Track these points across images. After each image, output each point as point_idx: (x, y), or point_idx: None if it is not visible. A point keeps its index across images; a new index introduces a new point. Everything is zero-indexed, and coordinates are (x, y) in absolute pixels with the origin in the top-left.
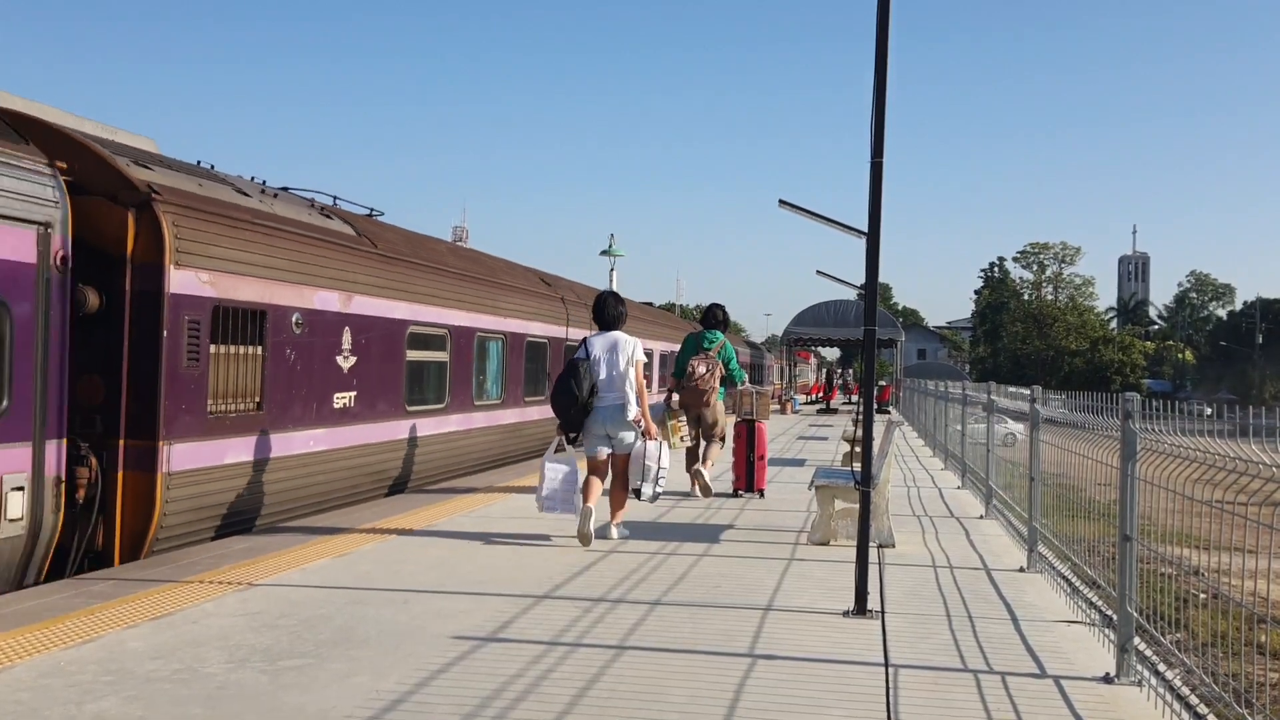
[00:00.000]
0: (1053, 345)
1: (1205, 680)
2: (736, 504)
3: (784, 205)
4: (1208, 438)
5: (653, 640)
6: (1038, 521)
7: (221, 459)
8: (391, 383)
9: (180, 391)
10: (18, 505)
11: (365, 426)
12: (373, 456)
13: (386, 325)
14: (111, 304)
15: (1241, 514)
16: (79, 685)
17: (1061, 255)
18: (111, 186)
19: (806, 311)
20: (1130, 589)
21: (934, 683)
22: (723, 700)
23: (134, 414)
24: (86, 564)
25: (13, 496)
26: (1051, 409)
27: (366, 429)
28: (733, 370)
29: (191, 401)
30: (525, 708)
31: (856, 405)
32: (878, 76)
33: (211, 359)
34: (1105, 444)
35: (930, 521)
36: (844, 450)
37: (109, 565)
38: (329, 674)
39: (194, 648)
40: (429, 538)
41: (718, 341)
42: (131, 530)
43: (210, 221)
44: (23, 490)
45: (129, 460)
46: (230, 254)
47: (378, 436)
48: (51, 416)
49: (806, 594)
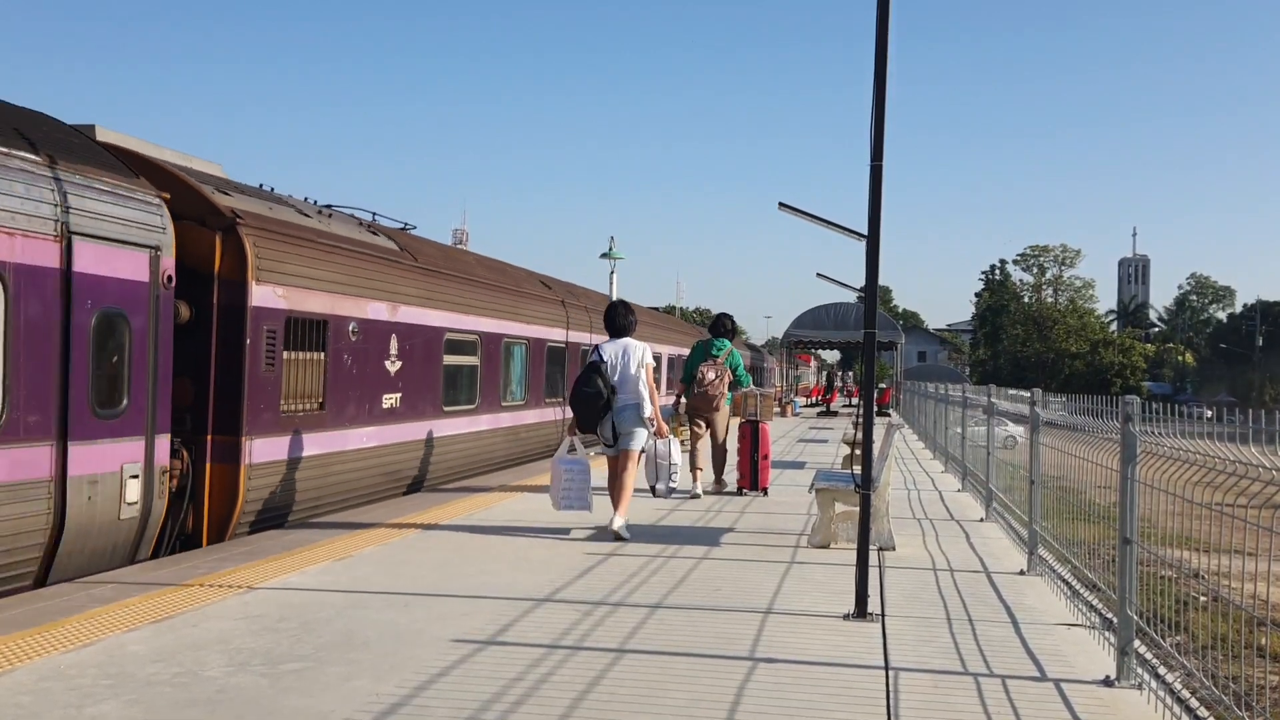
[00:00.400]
0: (1053, 348)
1: (1205, 683)
2: (737, 507)
3: (784, 208)
4: (1208, 440)
5: (653, 643)
6: (1038, 524)
7: (291, 453)
8: (431, 385)
9: (259, 393)
10: (134, 491)
11: (409, 425)
12: (416, 453)
13: (427, 332)
14: (200, 316)
15: (1241, 517)
16: (79, 689)
17: (1062, 258)
18: (201, 212)
19: (806, 314)
20: (1130, 592)
21: (934, 686)
22: (723, 703)
23: (220, 413)
24: (178, 546)
25: (130, 483)
26: (1051, 412)
27: (410, 427)
28: (740, 376)
29: (268, 402)
30: (525, 711)
31: (856, 408)
32: (877, 79)
33: (284, 364)
34: (1105, 447)
35: (930, 524)
36: (844, 453)
37: (198, 547)
38: (329, 677)
39: (194, 651)
40: (445, 532)
41: (725, 349)
42: (217, 516)
43: (283, 242)
44: (138, 478)
45: (215, 454)
46: (299, 270)
47: (420, 434)
48: (159, 415)
49: (807, 597)
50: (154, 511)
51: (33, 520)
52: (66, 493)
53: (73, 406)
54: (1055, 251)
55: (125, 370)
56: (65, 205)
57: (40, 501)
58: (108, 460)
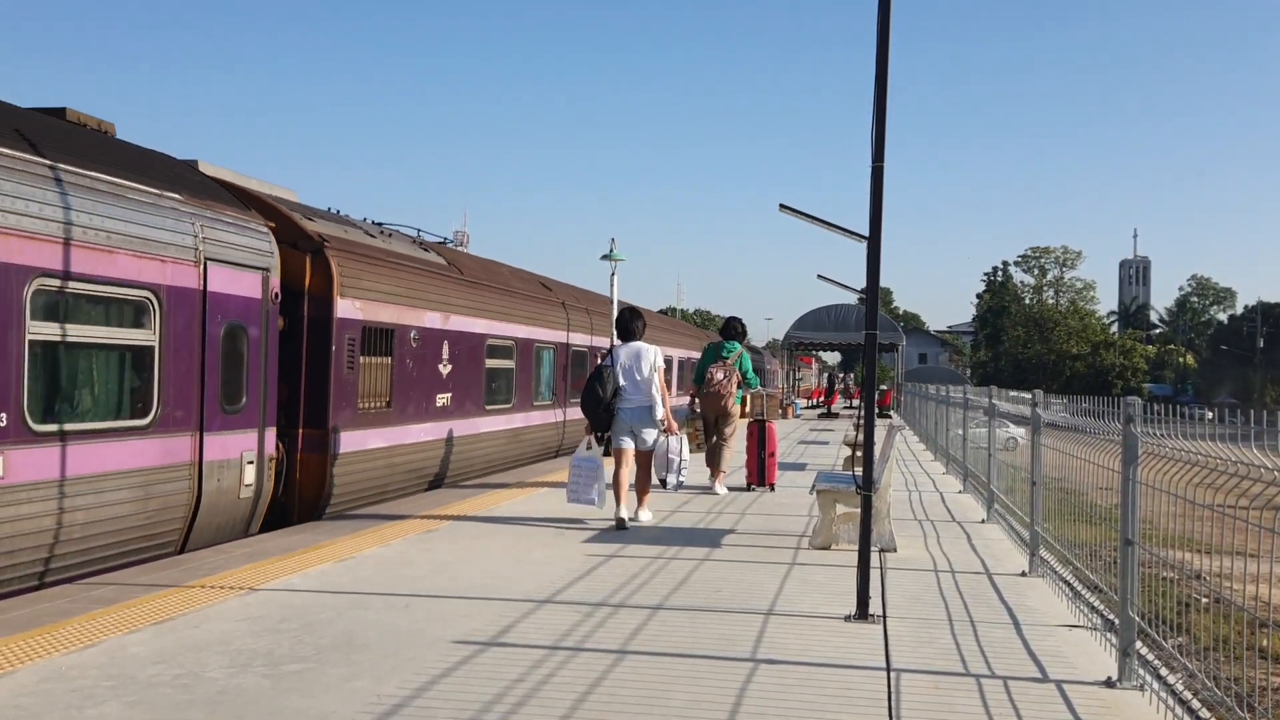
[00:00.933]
0: (1054, 349)
1: (1207, 684)
2: (738, 508)
3: (784, 210)
4: (1209, 441)
5: (654, 645)
6: (1039, 526)
7: (366, 445)
8: (476, 386)
9: (342, 392)
10: (250, 475)
11: (459, 421)
12: (463, 446)
13: (472, 339)
14: (293, 326)
15: (1243, 518)
16: (80, 690)
17: (1063, 259)
18: (294, 237)
19: (807, 316)
20: (1132, 593)
21: (936, 687)
22: (724, 705)
23: (310, 409)
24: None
25: (248, 468)
26: (1053, 413)
27: (459, 424)
28: (749, 377)
29: (349, 400)
30: (527, 712)
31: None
32: (878, 81)
33: (360, 367)
34: (1107, 448)
35: (932, 526)
36: (845, 454)
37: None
38: (330, 678)
39: (195, 652)
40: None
41: (735, 351)
42: (307, 498)
43: (360, 261)
44: (253, 464)
45: (306, 445)
46: (372, 286)
47: (467, 430)
48: (269, 411)
49: (808, 598)
50: (263, 493)
51: (178, 497)
52: (202, 475)
53: (207, 403)
54: (1056, 253)
55: (244, 373)
56: (201, 236)
57: (184, 482)
58: (232, 449)
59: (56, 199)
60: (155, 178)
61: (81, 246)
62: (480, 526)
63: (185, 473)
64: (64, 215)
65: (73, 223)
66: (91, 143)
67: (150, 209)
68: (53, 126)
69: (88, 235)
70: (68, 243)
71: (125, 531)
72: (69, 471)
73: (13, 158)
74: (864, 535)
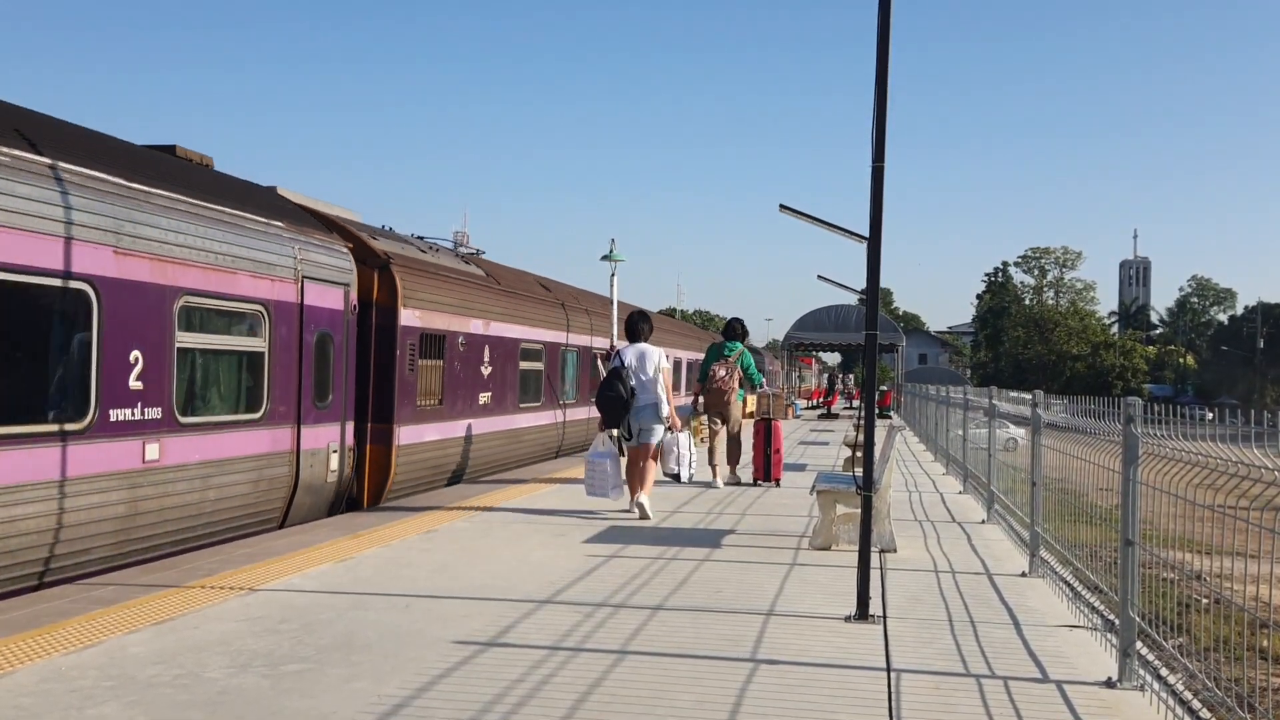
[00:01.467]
0: (1054, 350)
1: (1208, 685)
2: (738, 509)
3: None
4: (1209, 442)
5: (655, 645)
6: (1039, 526)
7: (423, 438)
8: (511, 386)
9: (405, 391)
10: (334, 462)
11: (497, 418)
12: (500, 440)
13: (508, 343)
14: (363, 332)
15: (1243, 519)
16: (80, 690)
17: (1063, 260)
18: (363, 254)
19: (807, 316)
20: (1132, 594)
21: (936, 687)
22: (725, 705)
23: (378, 406)
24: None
25: (333, 456)
26: (1053, 413)
27: (497, 420)
28: (751, 374)
29: (410, 397)
30: (527, 713)
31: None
32: (878, 81)
33: (419, 369)
34: (1107, 448)
35: (932, 526)
36: (845, 455)
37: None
38: (330, 679)
39: (195, 653)
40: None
41: (737, 350)
42: (374, 485)
43: (418, 275)
44: (336, 453)
45: (374, 437)
46: (429, 296)
47: (503, 426)
48: (348, 408)
49: (808, 599)
50: (343, 478)
51: (282, 479)
52: (300, 461)
53: (304, 400)
54: (1056, 253)
55: (330, 375)
56: (299, 257)
57: (286, 466)
58: (321, 440)
59: (198, 230)
60: (262, 207)
61: (215, 269)
62: (487, 522)
63: (287, 459)
64: (202, 244)
65: (208, 250)
66: (211, 179)
67: (261, 236)
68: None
69: (219, 260)
70: (205, 266)
71: (244, 507)
72: (205, 456)
73: (168, 198)
74: (864, 536)
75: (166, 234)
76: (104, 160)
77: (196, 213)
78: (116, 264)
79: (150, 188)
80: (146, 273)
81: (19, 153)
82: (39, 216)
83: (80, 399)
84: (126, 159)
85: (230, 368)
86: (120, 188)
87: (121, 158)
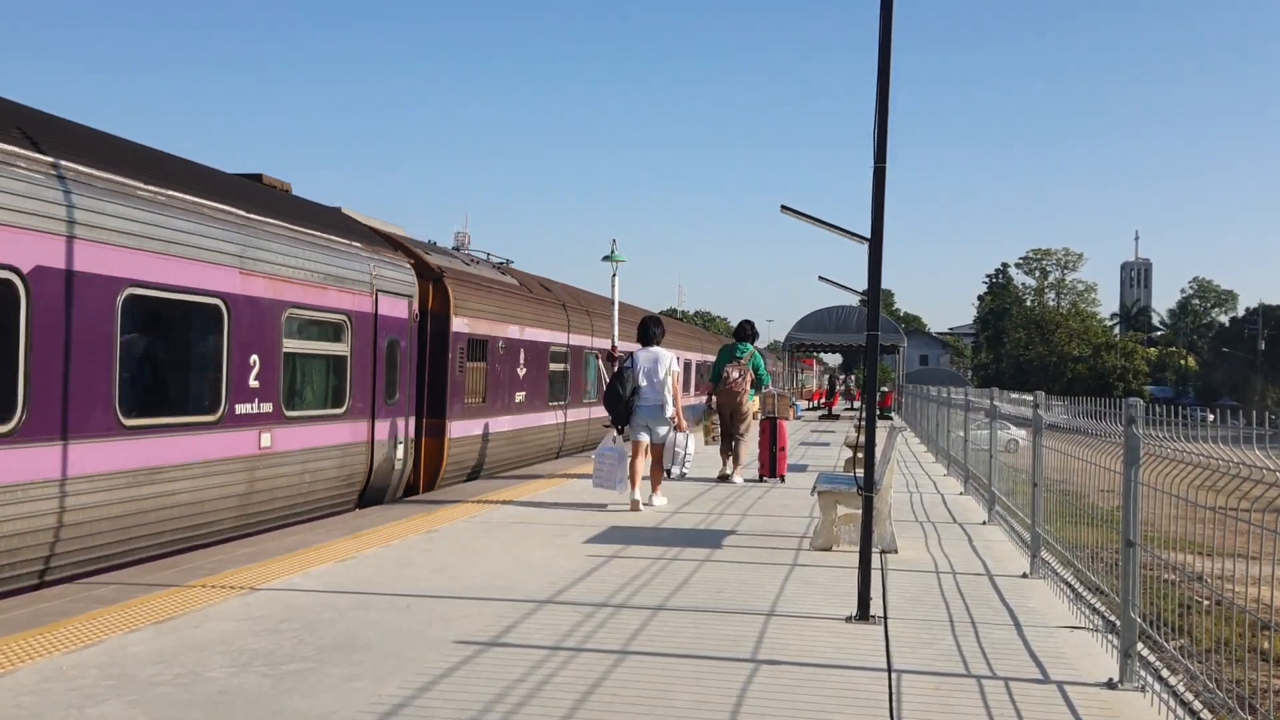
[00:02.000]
0: (1055, 351)
1: (1208, 686)
2: (739, 509)
3: (785, 211)
4: (1210, 443)
5: (656, 645)
6: (1040, 527)
7: (470, 432)
8: (542, 386)
9: (455, 390)
10: (400, 452)
11: (530, 415)
12: (532, 436)
13: (539, 347)
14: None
15: (1244, 520)
16: (81, 690)
17: (1064, 261)
18: (420, 268)
19: (809, 317)
20: (1133, 595)
21: (937, 688)
22: (726, 705)
23: (432, 403)
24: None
25: (398, 447)
26: (1054, 415)
27: (530, 416)
28: (761, 375)
29: (460, 396)
30: (528, 713)
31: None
32: (880, 80)
33: (467, 370)
34: (1108, 450)
35: (933, 527)
36: (846, 456)
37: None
38: (331, 679)
39: (196, 652)
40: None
41: (747, 352)
42: (429, 473)
43: (466, 285)
44: (401, 444)
45: (428, 431)
46: (474, 305)
47: (535, 422)
48: (411, 404)
49: (809, 599)
50: (407, 466)
51: (360, 466)
52: (374, 451)
53: (377, 397)
54: (1058, 255)
55: (397, 375)
56: (373, 273)
57: (363, 455)
58: (389, 432)
59: (298, 252)
60: (341, 229)
61: (311, 285)
62: (490, 519)
63: (364, 448)
64: (301, 264)
65: (306, 269)
66: (294, 204)
67: (344, 255)
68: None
69: (314, 277)
70: (303, 283)
71: (332, 489)
72: (304, 444)
73: (277, 225)
74: (865, 536)
75: (276, 256)
76: (230, 195)
77: (297, 237)
78: (242, 282)
79: (264, 218)
80: (262, 289)
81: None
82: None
83: (215, 395)
84: (242, 192)
85: (321, 369)
86: (243, 219)
87: (239, 190)
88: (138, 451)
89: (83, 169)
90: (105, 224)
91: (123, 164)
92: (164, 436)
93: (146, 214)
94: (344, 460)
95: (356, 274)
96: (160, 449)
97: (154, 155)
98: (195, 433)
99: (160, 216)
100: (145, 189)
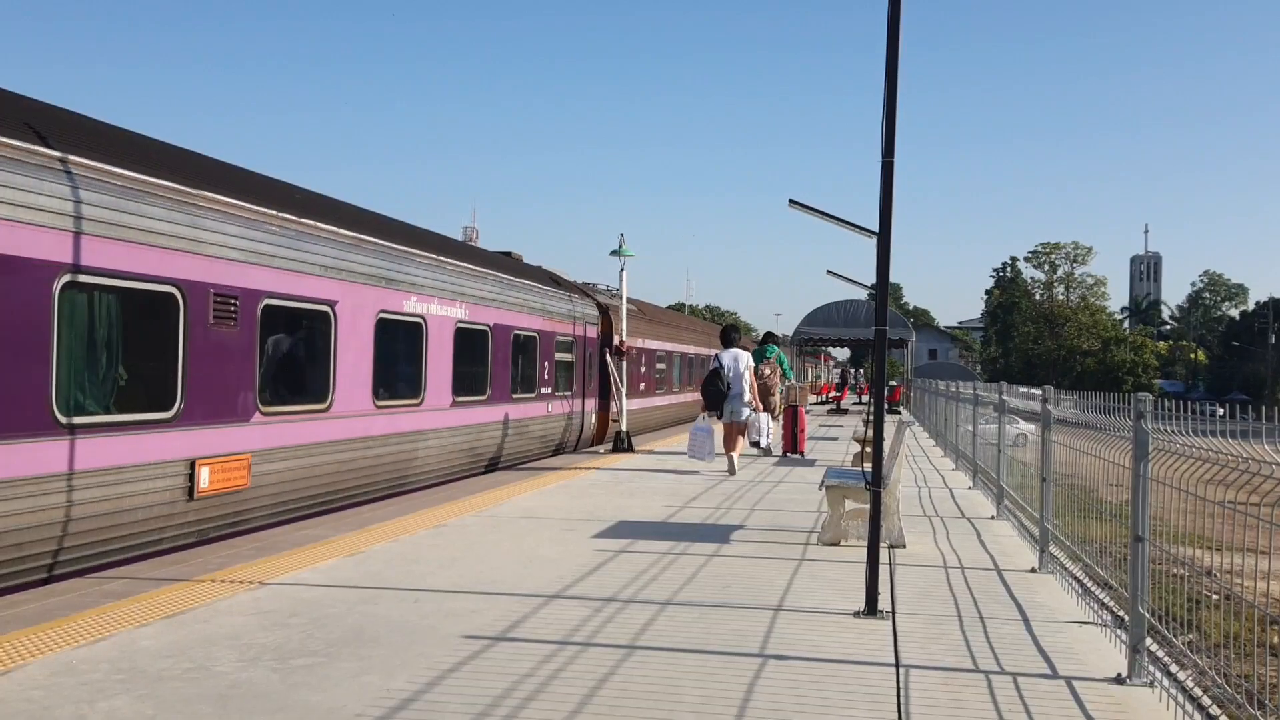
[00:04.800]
0: (1064, 345)
1: (1218, 681)
2: (747, 504)
3: (794, 205)
4: (1220, 438)
5: (664, 640)
6: (1049, 522)
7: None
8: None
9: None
10: (591, 419)
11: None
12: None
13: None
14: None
15: (1254, 515)
16: (91, 684)
17: (1073, 255)
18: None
19: (817, 311)
20: (1142, 590)
21: (945, 683)
22: (734, 700)
23: (601, 390)
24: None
25: (590, 416)
26: (1063, 409)
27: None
28: (786, 371)
29: (606, 386)
30: (536, 707)
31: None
32: (889, 73)
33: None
34: (1117, 444)
35: (941, 522)
36: (854, 450)
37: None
38: (340, 673)
39: (205, 646)
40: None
41: (774, 353)
42: (599, 434)
43: (617, 316)
44: (592, 414)
45: (601, 408)
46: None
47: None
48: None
49: (817, 594)
50: (592, 428)
51: (575, 425)
52: (584, 418)
53: (586, 386)
54: (1067, 249)
55: (592, 373)
56: (575, 309)
57: (579, 419)
58: (589, 407)
59: (558, 305)
60: (563, 285)
61: (558, 320)
62: (497, 514)
63: (580, 416)
64: (552, 309)
65: (551, 313)
66: (523, 268)
67: (565, 300)
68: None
69: (559, 316)
70: (553, 319)
71: (559, 440)
72: (563, 410)
73: (557, 291)
74: (873, 531)
75: (555, 306)
76: (531, 274)
77: (544, 291)
78: (544, 324)
79: (514, 277)
80: (550, 327)
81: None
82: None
83: (538, 383)
84: (496, 265)
85: (566, 370)
86: (565, 293)
87: (534, 274)
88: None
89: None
90: (480, 292)
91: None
92: (519, 404)
93: (496, 288)
94: (569, 422)
95: (571, 311)
96: (520, 408)
97: (459, 245)
98: (529, 403)
99: (510, 291)
100: (491, 273)
